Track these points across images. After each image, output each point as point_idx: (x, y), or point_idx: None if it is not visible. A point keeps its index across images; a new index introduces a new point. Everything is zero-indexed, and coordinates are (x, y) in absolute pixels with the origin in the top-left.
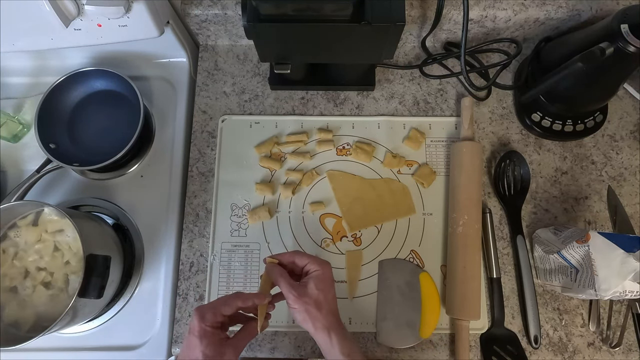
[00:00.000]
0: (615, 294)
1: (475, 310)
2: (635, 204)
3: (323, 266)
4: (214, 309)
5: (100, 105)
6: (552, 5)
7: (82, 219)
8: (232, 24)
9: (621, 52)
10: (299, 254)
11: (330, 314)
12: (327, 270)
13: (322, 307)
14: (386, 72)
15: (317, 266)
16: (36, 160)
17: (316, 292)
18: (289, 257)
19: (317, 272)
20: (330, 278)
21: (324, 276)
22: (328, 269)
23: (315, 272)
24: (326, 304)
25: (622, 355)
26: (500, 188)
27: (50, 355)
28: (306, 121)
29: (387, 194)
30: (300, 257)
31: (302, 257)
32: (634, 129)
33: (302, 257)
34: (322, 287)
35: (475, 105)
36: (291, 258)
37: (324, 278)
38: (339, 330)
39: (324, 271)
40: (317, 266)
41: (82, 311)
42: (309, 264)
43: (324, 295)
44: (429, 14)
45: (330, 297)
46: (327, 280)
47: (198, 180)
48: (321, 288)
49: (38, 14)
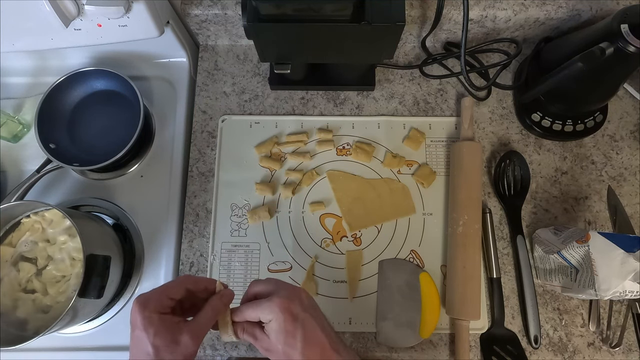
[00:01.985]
0: (615, 294)
1: (475, 310)
2: (635, 204)
3: (275, 312)
4: (157, 293)
5: (100, 105)
6: (552, 5)
7: (82, 219)
8: (232, 24)
9: (621, 52)
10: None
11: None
12: (280, 315)
13: (292, 358)
14: (386, 72)
15: (269, 315)
16: (36, 160)
17: (279, 347)
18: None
19: (271, 323)
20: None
21: (278, 326)
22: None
23: (270, 322)
24: (296, 353)
25: (622, 355)
26: (500, 188)
27: (50, 355)
28: (306, 121)
29: (387, 194)
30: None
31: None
32: (634, 129)
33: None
34: (282, 338)
35: (475, 105)
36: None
37: (279, 328)
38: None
39: (277, 318)
40: (269, 315)
41: (82, 311)
42: (259, 315)
43: (290, 345)
44: (429, 14)
45: (299, 343)
46: (284, 328)
47: (198, 180)
48: (282, 340)
49: (38, 14)
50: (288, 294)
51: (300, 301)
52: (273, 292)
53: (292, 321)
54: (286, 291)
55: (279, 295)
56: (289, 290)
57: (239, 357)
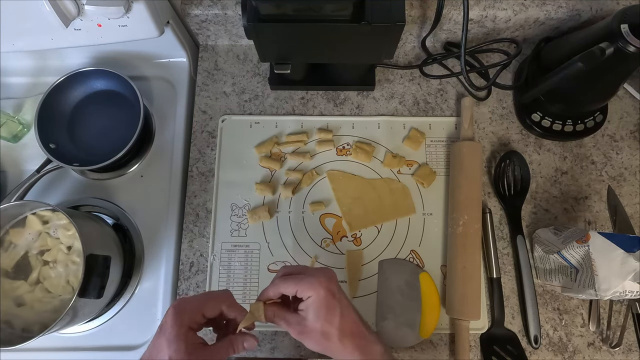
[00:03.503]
0: (615, 294)
1: (475, 310)
2: (635, 204)
3: (315, 288)
4: (194, 306)
5: (100, 105)
6: (552, 5)
7: (82, 219)
8: (232, 24)
9: (621, 52)
10: (285, 282)
11: (346, 337)
12: (321, 291)
13: (331, 336)
14: (386, 72)
15: (309, 291)
16: (36, 160)
17: (318, 324)
18: (274, 290)
19: (310, 299)
20: (329, 297)
21: (319, 301)
22: (322, 288)
23: (308, 299)
24: (336, 330)
25: (622, 355)
26: (500, 188)
27: (50, 355)
28: (306, 121)
29: (387, 194)
30: (286, 284)
31: (287, 285)
32: (634, 129)
33: (287, 285)
34: (323, 314)
35: (475, 105)
36: (277, 290)
37: (320, 304)
38: (365, 349)
39: (318, 294)
40: (309, 290)
41: (82, 311)
42: (298, 290)
43: (329, 321)
44: (429, 14)
45: (337, 319)
46: (325, 303)
47: (198, 180)
48: (322, 316)
49: (38, 14)
50: (323, 273)
51: (336, 281)
52: (304, 271)
53: (332, 298)
54: (320, 271)
55: (315, 274)
56: (323, 271)
57: (239, 357)
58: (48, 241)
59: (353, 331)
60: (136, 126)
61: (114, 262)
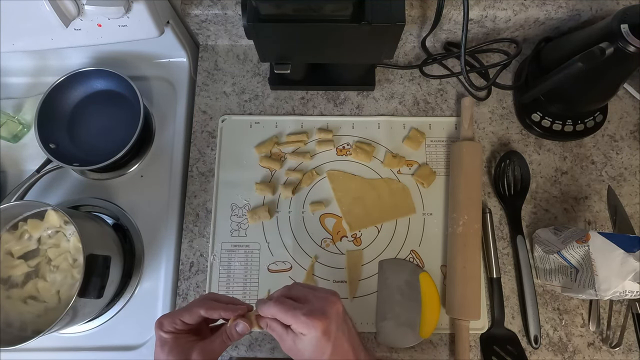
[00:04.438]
0: (615, 294)
1: (475, 310)
2: (635, 204)
3: (311, 328)
4: (171, 316)
5: (100, 105)
6: (552, 5)
7: (82, 219)
8: (232, 24)
9: (621, 52)
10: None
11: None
12: (317, 333)
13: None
14: (386, 72)
15: (304, 329)
16: (36, 160)
17: (306, 354)
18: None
19: (304, 337)
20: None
21: (311, 341)
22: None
23: (302, 336)
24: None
25: (622, 355)
26: (500, 188)
27: (50, 355)
28: (306, 121)
29: (387, 194)
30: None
31: (285, 316)
32: (634, 129)
33: (285, 316)
34: (311, 350)
35: (475, 105)
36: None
37: (311, 343)
38: None
39: (312, 336)
40: (304, 329)
41: (82, 311)
42: (293, 326)
43: (318, 356)
44: (429, 14)
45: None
46: (317, 344)
47: (198, 180)
48: (310, 351)
49: (38, 14)
50: (326, 308)
51: (337, 317)
52: (308, 297)
53: (325, 341)
54: (323, 303)
55: (316, 311)
56: (327, 303)
57: (239, 357)
58: (48, 241)
59: None
60: (136, 126)
61: (114, 262)
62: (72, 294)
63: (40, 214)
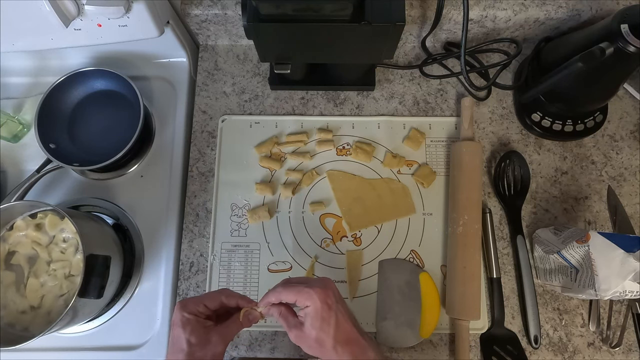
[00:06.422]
0: (615, 294)
1: (475, 310)
2: (635, 204)
3: (313, 299)
4: (196, 299)
5: (100, 105)
6: (552, 5)
7: (82, 219)
8: (232, 24)
9: (621, 52)
10: (286, 290)
11: (339, 345)
12: (318, 302)
13: (324, 343)
14: (386, 72)
15: (307, 301)
16: (36, 160)
17: (313, 332)
18: (276, 296)
19: (308, 309)
20: (325, 309)
21: (315, 312)
22: (320, 300)
23: (306, 308)
24: (330, 338)
25: (622, 355)
26: (500, 188)
27: (50, 355)
28: (306, 121)
29: (387, 194)
30: (287, 292)
31: (288, 293)
32: (634, 129)
33: (288, 293)
34: (318, 324)
35: (475, 105)
36: (278, 296)
37: (316, 314)
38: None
39: (315, 305)
40: (307, 301)
41: (82, 311)
42: (297, 300)
43: (323, 330)
44: (429, 14)
45: (331, 328)
46: (321, 314)
47: (198, 180)
48: (317, 326)
49: (38, 14)
50: (323, 284)
51: (334, 293)
52: (305, 282)
53: (328, 310)
54: (320, 282)
55: (314, 285)
56: (323, 282)
57: (239, 357)
58: (68, 253)
59: (347, 339)
60: (136, 126)
61: (114, 262)
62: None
63: (61, 215)
